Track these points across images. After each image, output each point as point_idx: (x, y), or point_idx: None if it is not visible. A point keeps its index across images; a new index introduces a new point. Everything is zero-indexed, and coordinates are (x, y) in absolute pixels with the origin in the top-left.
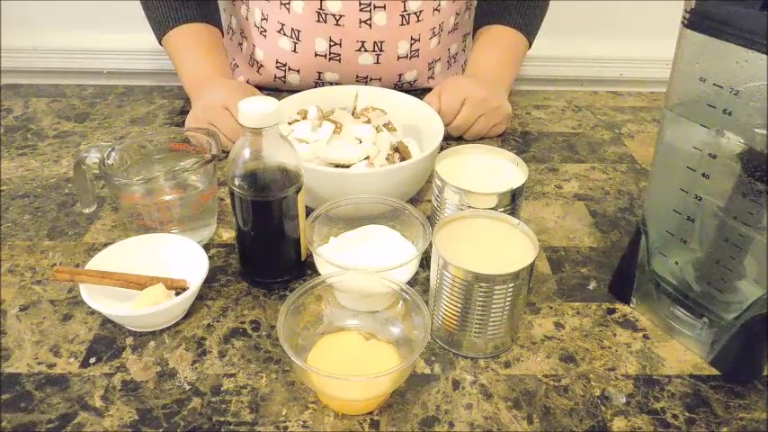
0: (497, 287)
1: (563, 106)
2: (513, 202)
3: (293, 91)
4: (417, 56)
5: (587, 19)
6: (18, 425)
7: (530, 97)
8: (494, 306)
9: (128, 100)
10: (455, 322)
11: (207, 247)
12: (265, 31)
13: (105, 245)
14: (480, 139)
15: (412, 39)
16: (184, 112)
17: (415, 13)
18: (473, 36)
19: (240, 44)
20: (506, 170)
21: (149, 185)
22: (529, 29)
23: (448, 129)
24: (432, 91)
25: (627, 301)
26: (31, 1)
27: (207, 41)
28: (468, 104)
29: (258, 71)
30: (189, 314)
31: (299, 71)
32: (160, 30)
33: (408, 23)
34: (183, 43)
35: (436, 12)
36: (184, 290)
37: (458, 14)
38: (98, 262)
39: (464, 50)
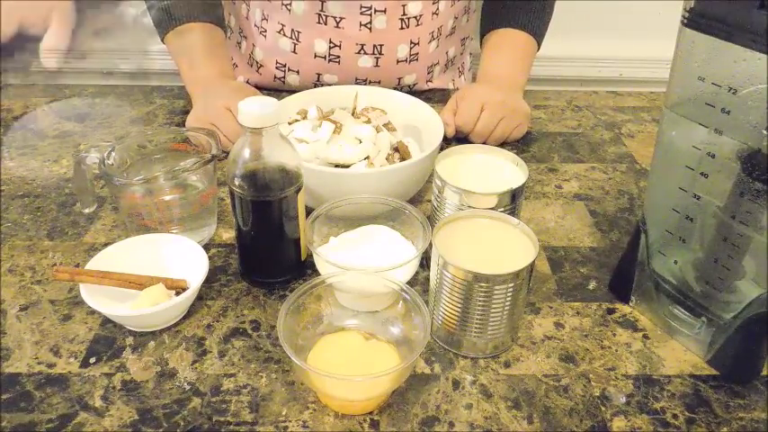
0: (497, 287)
1: (563, 106)
2: (513, 202)
3: (293, 92)
4: (417, 59)
5: (587, 19)
6: (18, 425)
7: (530, 97)
8: (494, 306)
9: (128, 100)
10: (455, 322)
11: (207, 247)
12: (265, 31)
13: (105, 245)
14: (503, 143)
15: (411, 42)
16: (184, 112)
17: (415, 17)
18: (480, 41)
19: (239, 43)
20: (506, 170)
21: (149, 185)
22: (537, 29)
23: (470, 137)
24: (447, 105)
25: (626, 300)
26: None
27: (210, 41)
28: (486, 109)
29: (258, 71)
30: (189, 314)
31: (298, 72)
32: (163, 28)
33: (408, 27)
34: (186, 42)
35: (435, 15)
36: (184, 290)
37: (456, 18)
38: (98, 262)
39: (462, 54)
